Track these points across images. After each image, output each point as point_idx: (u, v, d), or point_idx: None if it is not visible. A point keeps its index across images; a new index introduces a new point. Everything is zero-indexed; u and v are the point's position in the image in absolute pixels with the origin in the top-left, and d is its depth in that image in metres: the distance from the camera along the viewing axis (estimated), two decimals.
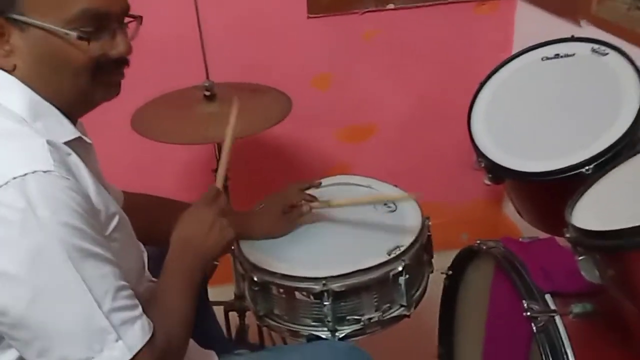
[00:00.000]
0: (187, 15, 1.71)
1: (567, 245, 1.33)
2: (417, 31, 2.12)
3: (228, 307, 1.89)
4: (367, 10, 2.06)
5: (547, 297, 1.23)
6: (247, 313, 1.83)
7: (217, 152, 1.71)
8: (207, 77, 1.65)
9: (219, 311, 1.70)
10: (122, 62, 0.99)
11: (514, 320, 1.26)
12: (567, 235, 1.04)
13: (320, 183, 1.48)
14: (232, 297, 1.90)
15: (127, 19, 0.99)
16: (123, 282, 0.93)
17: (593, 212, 1.08)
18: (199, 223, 1.09)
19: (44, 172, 0.85)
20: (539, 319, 1.19)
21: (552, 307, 1.21)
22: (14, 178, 0.83)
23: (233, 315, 1.87)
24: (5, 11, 0.89)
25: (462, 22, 2.13)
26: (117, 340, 0.89)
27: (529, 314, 1.20)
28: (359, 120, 2.22)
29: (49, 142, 0.89)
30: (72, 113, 1.00)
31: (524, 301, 1.22)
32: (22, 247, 0.84)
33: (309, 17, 2.03)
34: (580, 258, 1.02)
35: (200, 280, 1.10)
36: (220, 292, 1.81)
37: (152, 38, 1.84)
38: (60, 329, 0.87)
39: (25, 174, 0.84)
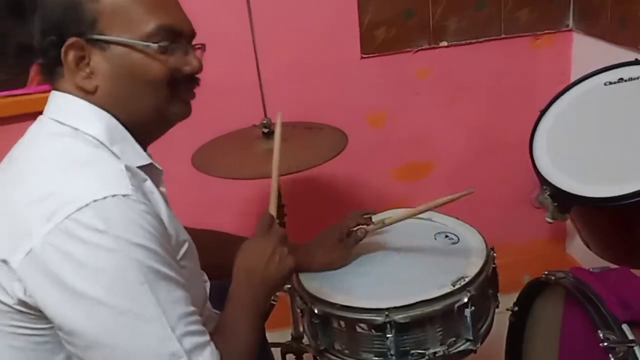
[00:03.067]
0: (247, 58, 1.75)
1: None
2: (471, 67, 2.12)
3: (285, 348, 1.86)
4: (420, 48, 2.07)
5: (625, 326, 1.17)
6: (305, 355, 1.81)
7: None
8: (265, 115, 1.67)
9: (276, 353, 1.68)
10: (194, 79, 1.03)
11: (590, 352, 1.20)
12: None
13: (374, 211, 1.45)
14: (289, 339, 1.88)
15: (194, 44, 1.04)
16: (193, 308, 0.94)
17: None
18: (259, 253, 1.10)
19: (123, 195, 0.88)
20: (617, 349, 1.13)
21: (630, 336, 1.15)
22: (95, 200, 0.86)
23: (290, 358, 1.85)
24: (85, 32, 0.94)
25: (518, 57, 2.12)
26: None
27: (605, 344, 1.14)
28: (415, 157, 2.21)
29: (127, 168, 0.93)
30: (145, 137, 1.03)
31: (599, 332, 1.16)
32: (99, 268, 0.85)
33: (362, 57, 2.06)
34: None
35: (265, 310, 1.10)
36: (277, 336, 1.79)
37: (214, 80, 1.90)
38: (134, 351, 0.87)
39: (105, 197, 0.86)
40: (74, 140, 0.95)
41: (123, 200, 0.88)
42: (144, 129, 1.02)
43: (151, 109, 1.00)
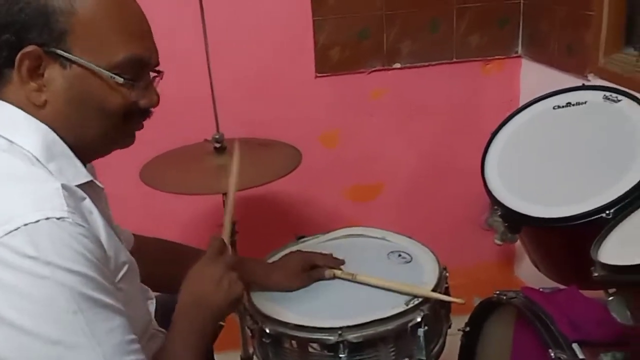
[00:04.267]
0: (200, 74, 1.72)
1: (590, 295, 1.30)
2: (423, 90, 2.14)
3: None
4: (373, 69, 2.09)
5: (575, 346, 1.17)
6: None
7: (224, 206, 1.69)
8: (218, 130, 1.65)
9: None
10: (147, 112, 0.99)
11: None
12: (595, 274, 1.01)
13: (344, 261, 1.42)
14: None
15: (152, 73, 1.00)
16: (132, 336, 0.89)
17: (619, 250, 1.05)
18: (207, 279, 1.05)
19: (57, 219, 0.82)
20: None
21: (581, 356, 1.15)
22: (26, 224, 0.80)
23: None
24: (49, 43, 0.87)
25: (468, 80, 2.16)
26: None
27: None
28: (366, 178, 2.21)
29: (64, 187, 0.87)
30: (85, 157, 0.98)
31: (550, 351, 1.16)
32: (30, 296, 0.80)
33: (317, 77, 2.06)
34: (611, 298, 0.99)
35: (209, 337, 1.06)
36: (225, 359, 1.74)
37: (167, 94, 1.87)
38: None
39: (38, 221, 0.81)
40: (8, 155, 0.88)
41: (57, 224, 0.82)
42: (85, 150, 0.96)
43: (97, 136, 0.95)
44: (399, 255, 1.45)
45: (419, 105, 2.17)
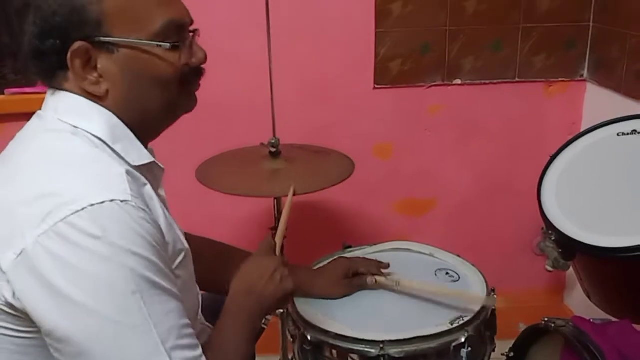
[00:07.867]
0: (261, 78, 1.75)
1: None
2: (483, 108, 2.11)
3: None
4: (433, 84, 2.07)
5: None
6: None
7: (275, 211, 1.70)
8: (274, 135, 1.66)
9: None
10: (200, 71, 1.02)
11: None
12: None
13: (389, 265, 1.42)
14: None
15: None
16: (186, 320, 0.91)
17: None
18: (261, 270, 1.08)
19: (122, 201, 0.85)
20: None
21: None
22: (92, 205, 0.83)
23: None
24: (91, 35, 0.90)
25: (530, 101, 2.11)
26: None
27: None
28: (418, 193, 2.19)
29: (128, 173, 0.90)
30: (148, 135, 1.01)
31: None
32: (92, 275, 0.82)
33: (375, 88, 2.06)
34: None
35: (258, 328, 1.08)
36: None
37: (227, 96, 1.91)
38: None
39: (103, 202, 0.83)
40: (74, 138, 0.92)
41: (121, 206, 0.84)
42: (150, 126, 1.00)
43: (162, 107, 0.98)
44: (447, 274, 1.43)
45: (478, 123, 2.14)
